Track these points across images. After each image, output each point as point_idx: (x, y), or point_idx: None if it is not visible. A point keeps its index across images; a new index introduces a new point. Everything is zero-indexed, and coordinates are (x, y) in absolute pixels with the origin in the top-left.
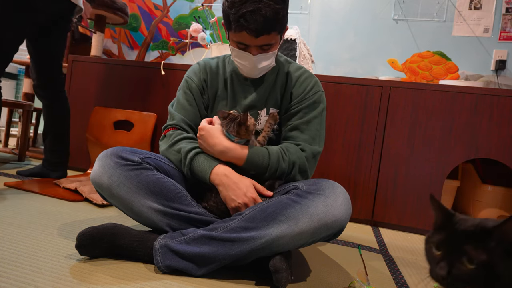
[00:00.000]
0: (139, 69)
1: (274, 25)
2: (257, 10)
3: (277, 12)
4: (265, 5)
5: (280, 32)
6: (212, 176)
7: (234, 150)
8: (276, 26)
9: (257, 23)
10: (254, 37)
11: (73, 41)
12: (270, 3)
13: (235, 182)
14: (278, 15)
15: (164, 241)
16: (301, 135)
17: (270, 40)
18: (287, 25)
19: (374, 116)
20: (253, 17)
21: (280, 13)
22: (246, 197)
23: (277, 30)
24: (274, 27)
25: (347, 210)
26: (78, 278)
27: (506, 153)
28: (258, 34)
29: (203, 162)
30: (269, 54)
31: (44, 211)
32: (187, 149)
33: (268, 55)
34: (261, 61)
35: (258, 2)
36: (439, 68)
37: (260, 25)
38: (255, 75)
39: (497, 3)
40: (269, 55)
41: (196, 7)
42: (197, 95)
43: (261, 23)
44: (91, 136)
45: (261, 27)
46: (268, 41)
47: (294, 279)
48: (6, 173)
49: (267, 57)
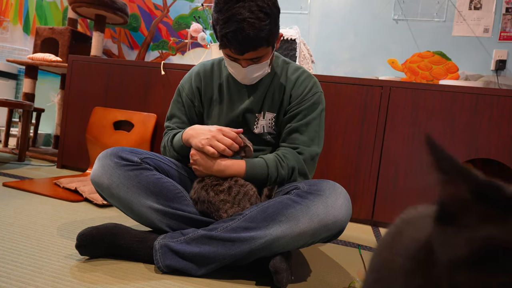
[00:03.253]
0: (139, 69)
1: (259, 42)
2: (239, 30)
3: (261, 30)
4: (248, 24)
5: (270, 44)
6: (184, 136)
7: (232, 166)
8: (262, 43)
9: (239, 43)
10: (239, 54)
11: (73, 41)
12: (254, 21)
13: (200, 128)
14: (263, 33)
15: (164, 241)
16: (300, 137)
17: (258, 54)
18: (279, 33)
19: (374, 116)
20: (236, 37)
21: (265, 29)
22: (211, 131)
23: (265, 45)
24: (260, 44)
25: (347, 211)
26: (78, 278)
27: (506, 153)
28: (242, 52)
29: (178, 135)
30: (260, 64)
31: (44, 211)
32: (170, 136)
33: (259, 66)
34: (252, 72)
35: (240, 22)
36: (439, 68)
37: (242, 45)
38: (249, 83)
39: (497, 3)
40: (261, 65)
41: (196, 7)
42: (187, 104)
43: (243, 44)
44: (90, 136)
45: (244, 47)
46: (256, 55)
47: (294, 279)
48: (6, 173)
49: (259, 68)
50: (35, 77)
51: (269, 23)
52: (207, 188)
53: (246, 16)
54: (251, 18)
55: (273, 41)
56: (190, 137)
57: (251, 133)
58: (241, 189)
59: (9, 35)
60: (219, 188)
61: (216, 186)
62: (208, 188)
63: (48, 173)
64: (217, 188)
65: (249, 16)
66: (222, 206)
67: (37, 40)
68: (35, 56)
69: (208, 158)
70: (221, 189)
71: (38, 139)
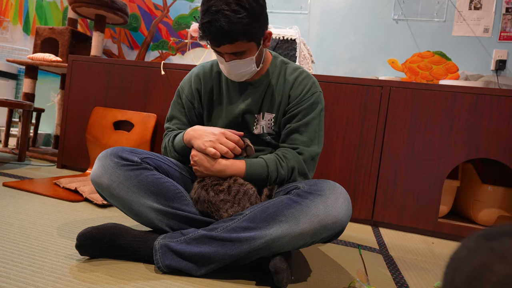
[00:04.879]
0: (139, 69)
1: (235, 36)
2: (212, 21)
3: (236, 23)
4: (223, 16)
5: (252, 39)
6: (185, 137)
7: (232, 166)
8: (239, 36)
9: (212, 34)
10: (216, 46)
11: (73, 41)
12: (229, 14)
13: (202, 129)
14: (238, 26)
15: (164, 241)
16: (300, 137)
17: (237, 48)
18: (264, 30)
19: (374, 116)
20: (209, 28)
21: (241, 23)
22: (214, 134)
23: (245, 39)
24: (236, 37)
25: (347, 211)
26: (78, 278)
27: (506, 153)
28: (218, 44)
29: (179, 136)
30: (243, 60)
31: (44, 211)
32: (171, 137)
33: (243, 62)
34: (236, 68)
35: (215, 13)
36: (439, 68)
37: (216, 36)
38: (236, 79)
39: (497, 3)
40: (245, 61)
41: (196, 7)
42: (187, 106)
43: (217, 35)
44: (90, 136)
45: (218, 38)
46: (235, 49)
47: (294, 279)
48: (6, 173)
49: (241, 64)
50: (35, 77)
51: (246, 16)
52: (207, 188)
53: (221, 8)
54: (226, 10)
55: (256, 37)
56: (192, 138)
57: (250, 133)
58: (240, 188)
59: (9, 35)
60: (219, 188)
61: (216, 186)
62: (208, 188)
63: (48, 173)
64: (217, 187)
65: (224, 8)
66: (222, 206)
67: (37, 40)
68: (35, 56)
69: (208, 159)
70: (221, 189)
71: (38, 139)
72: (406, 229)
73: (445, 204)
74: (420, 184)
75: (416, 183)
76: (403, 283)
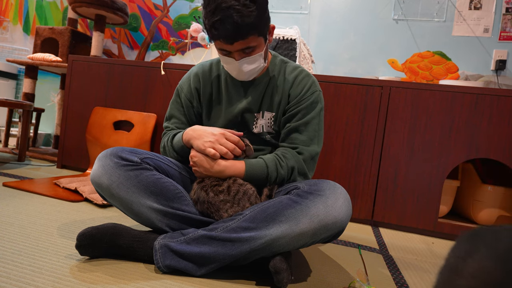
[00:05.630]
0: (139, 69)
1: (248, 30)
2: (225, 18)
3: (248, 16)
4: (235, 11)
5: (261, 33)
6: (184, 137)
7: (232, 166)
8: (251, 30)
9: (227, 31)
10: (230, 44)
11: (73, 41)
12: (240, 8)
13: (202, 129)
14: (250, 19)
15: (164, 241)
16: (300, 137)
17: (249, 44)
18: (270, 24)
19: (374, 116)
20: (223, 25)
21: (252, 16)
22: (214, 135)
23: (256, 33)
24: (249, 32)
25: (347, 212)
26: (78, 278)
27: (506, 153)
28: (232, 41)
29: (178, 135)
30: (253, 56)
31: (44, 211)
32: (170, 137)
33: (252, 58)
34: (246, 65)
35: (226, 10)
36: (439, 68)
37: (231, 32)
38: (245, 78)
39: (497, 3)
40: (254, 57)
41: (196, 7)
42: (186, 105)
43: (231, 31)
44: (90, 136)
45: (233, 35)
46: (247, 45)
47: (294, 279)
48: (6, 173)
49: (252, 60)
50: (35, 77)
51: (256, 9)
52: (207, 189)
53: (231, 4)
54: (237, 5)
55: (264, 31)
56: (191, 138)
57: (250, 132)
58: (240, 188)
59: (9, 35)
60: (218, 188)
61: (215, 187)
62: (208, 189)
63: (48, 173)
64: (217, 188)
65: (235, 4)
66: (222, 206)
67: (37, 40)
68: (35, 56)
69: (208, 160)
70: (220, 190)
71: (38, 139)
72: (406, 229)
73: (445, 204)
74: (420, 184)
75: (416, 183)
76: (403, 283)
